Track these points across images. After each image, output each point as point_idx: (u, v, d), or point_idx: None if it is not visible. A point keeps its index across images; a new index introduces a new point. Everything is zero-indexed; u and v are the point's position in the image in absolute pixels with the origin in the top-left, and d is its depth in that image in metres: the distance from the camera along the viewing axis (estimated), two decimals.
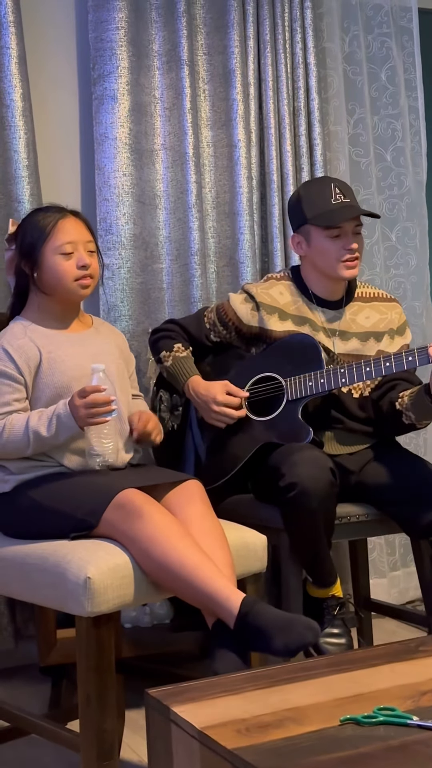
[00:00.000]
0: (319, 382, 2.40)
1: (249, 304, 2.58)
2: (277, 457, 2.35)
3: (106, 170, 2.91)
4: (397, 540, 3.37)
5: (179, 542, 1.86)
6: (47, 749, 2.25)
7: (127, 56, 2.91)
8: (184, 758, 1.26)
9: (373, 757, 1.12)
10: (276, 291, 2.58)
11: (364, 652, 1.54)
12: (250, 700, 1.31)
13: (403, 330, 2.61)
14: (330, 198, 2.49)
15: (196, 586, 1.82)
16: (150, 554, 1.84)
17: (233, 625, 1.78)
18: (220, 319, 2.61)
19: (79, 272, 2.16)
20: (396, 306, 2.64)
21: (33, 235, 2.17)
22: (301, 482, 2.23)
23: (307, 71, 3.19)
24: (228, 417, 2.49)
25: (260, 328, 2.56)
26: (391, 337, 2.57)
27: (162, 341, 2.64)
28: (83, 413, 1.99)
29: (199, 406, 2.54)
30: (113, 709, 1.81)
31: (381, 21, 3.42)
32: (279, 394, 2.49)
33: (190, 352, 2.61)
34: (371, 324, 2.57)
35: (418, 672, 1.40)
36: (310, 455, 2.29)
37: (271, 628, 1.73)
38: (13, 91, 2.74)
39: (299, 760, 1.11)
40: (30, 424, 2.03)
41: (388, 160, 3.44)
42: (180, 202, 2.99)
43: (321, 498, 2.24)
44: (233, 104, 3.05)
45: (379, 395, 2.52)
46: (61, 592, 1.83)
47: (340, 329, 2.55)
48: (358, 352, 2.53)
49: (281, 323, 2.54)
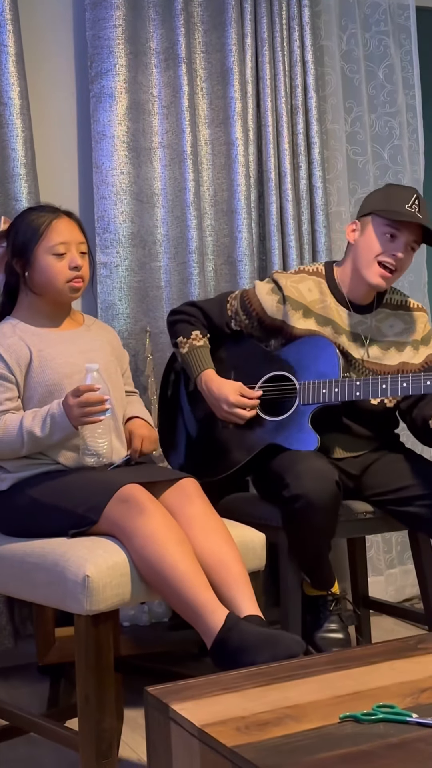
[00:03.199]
0: (333, 392, 2.36)
1: (276, 296, 2.53)
2: (282, 463, 2.33)
3: (103, 168, 2.91)
4: (395, 538, 3.37)
5: (176, 547, 1.85)
6: (46, 748, 2.25)
7: (124, 54, 2.91)
8: (183, 756, 1.26)
9: (372, 754, 1.12)
10: (305, 286, 2.54)
11: (363, 649, 1.54)
12: (249, 698, 1.31)
13: (428, 339, 2.56)
14: (406, 203, 2.42)
15: (183, 594, 1.81)
16: (145, 552, 1.84)
17: (213, 640, 1.77)
18: (243, 308, 2.56)
19: (70, 273, 2.15)
20: (423, 315, 2.59)
21: (26, 234, 2.16)
22: (306, 495, 2.20)
23: (304, 69, 3.19)
24: (239, 417, 2.48)
25: (283, 321, 2.52)
26: (415, 348, 2.53)
27: (180, 325, 2.59)
28: (77, 412, 1.98)
29: (211, 402, 2.52)
30: (112, 708, 1.80)
31: (379, 19, 3.43)
32: (291, 395, 2.47)
33: (207, 341, 2.57)
34: (395, 333, 2.54)
35: (418, 669, 1.40)
36: (315, 466, 2.26)
37: (257, 642, 1.72)
38: (11, 89, 2.74)
39: (299, 757, 1.11)
40: (24, 424, 2.03)
41: (385, 158, 3.44)
42: (178, 201, 2.99)
43: (325, 512, 2.23)
44: (231, 102, 3.05)
45: (408, 405, 2.49)
46: (59, 591, 1.83)
47: (363, 335, 2.51)
48: (379, 360, 2.50)
49: (304, 321, 2.49)
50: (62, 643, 2.41)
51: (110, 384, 2.13)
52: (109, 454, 2.09)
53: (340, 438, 2.49)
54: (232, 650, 1.73)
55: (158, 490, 2.03)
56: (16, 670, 2.74)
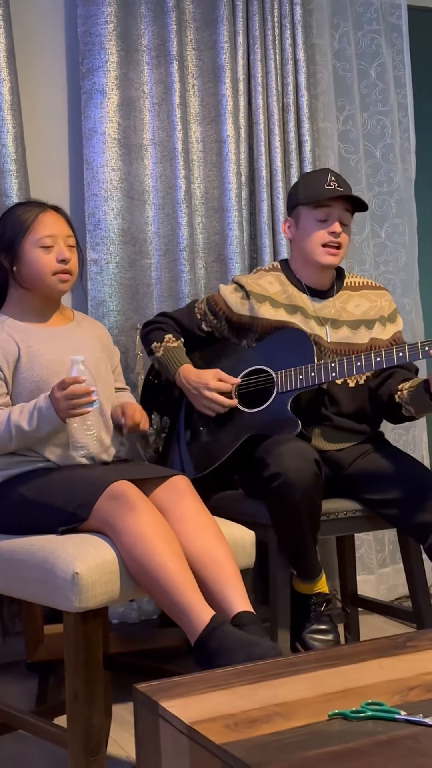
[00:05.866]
0: (310, 376, 2.41)
1: (239, 293, 2.60)
2: (263, 448, 2.35)
3: (94, 165, 2.90)
4: (387, 536, 3.38)
5: (165, 546, 1.85)
6: (34, 745, 2.25)
7: (116, 51, 2.90)
8: (172, 753, 1.26)
9: (361, 752, 1.12)
10: (265, 281, 2.60)
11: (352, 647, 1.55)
12: (238, 696, 1.31)
13: (395, 317, 2.63)
14: (324, 183, 2.52)
15: (170, 594, 1.81)
16: (134, 550, 1.83)
17: (195, 640, 1.77)
18: (210, 309, 2.62)
19: (58, 266, 2.15)
20: (385, 294, 2.66)
21: (13, 229, 2.16)
22: (285, 473, 2.23)
23: (296, 67, 3.19)
24: (219, 404, 2.49)
25: (250, 316, 2.57)
26: (383, 324, 2.59)
27: (153, 333, 2.65)
28: (64, 405, 1.98)
29: (190, 393, 2.54)
30: (101, 705, 1.80)
31: (371, 18, 3.43)
32: (269, 386, 2.49)
33: (181, 343, 2.62)
34: (361, 312, 2.59)
35: (406, 667, 1.40)
36: (295, 446, 2.30)
37: (234, 645, 1.72)
38: (2, 84, 2.73)
39: (288, 755, 1.11)
40: (12, 418, 2.02)
41: (377, 157, 3.44)
42: (169, 198, 2.99)
43: (304, 489, 2.24)
44: (222, 100, 3.05)
45: (377, 384, 2.54)
46: (48, 588, 1.82)
47: (331, 318, 2.56)
48: (350, 340, 2.55)
49: (274, 311, 2.54)
50: (51, 640, 2.41)
51: (99, 380, 2.13)
52: (97, 447, 2.09)
53: (321, 430, 2.52)
54: (210, 651, 1.74)
55: (149, 488, 2.03)
56: (5, 667, 2.74)
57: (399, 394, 2.45)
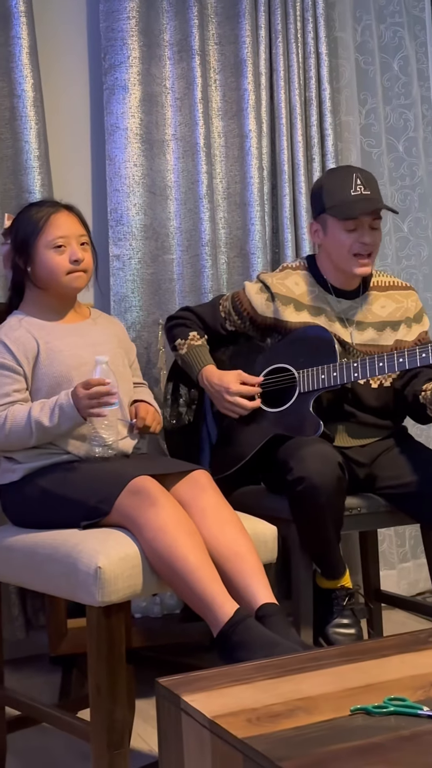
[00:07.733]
0: (332, 375, 2.39)
1: (264, 295, 2.58)
2: (286, 450, 2.34)
3: (116, 161, 2.90)
4: (408, 531, 3.37)
5: (187, 539, 1.85)
6: (58, 738, 2.26)
7: (138, 46, 2.90)
8: (194, 747, 1.26)
9: (383, 747, 1.12)
10: (291, 281, 2.58)
11: (374, 642, 1.54)
12: (260, 690, 1.31)
13: (420, 317, 2.60)
14: (350, 189, 2.46)
15: (193, 586, 1.81)
16: (156, 544, 1.84)
17: (218, 633, 1.77)
18: (234, 309, 2.61)
19: (71, 266, 2.16)
20: (412, 293, 2.63)
21: (26, 230, 2.18)
22: (309, 477, 2.22)
23: (318, 61, 3.18)
24: (241, 407, 2.49)
25: (275, 318, 2.56)
26: (408, 326, 2.57)
27: (177, 329, 2.63)
28: (85, 404, 2.00)
29: (213, 395, 2.54)
30: (123, 699, 1.81)
31: (393, 10, 3.41)
32: (292, 385, 2.48)
33: (205, 341, 2.61)
34: (387, 313, 2.56)
35: (429, 663, 1.40)
36: (318, 450, 2.29)
37: (256, 642, 1.72)
38: (24, 81, 2.74)
39: (310, 749, 1.11)
40: (32, 414, 2.04)
41: (400, 151, 3.42)
42: (191, 193, 2.99)
43: (329, 493, 2.24)
44: (244, 94, 3.04)
45: (403, 384, 2.52)
46: (71, 582, 1.83)
47: (356, 319, 2.54)
48: (375, 342, 2.53)
49: (297, 314, 2.53)
50: (74, 634, 2.42)
51: (117, 375, 2.14)
52: (116, 443, 2.11)
53: (345, 426, 2.51)
54: (232, 644, 1.74)
55: (170, 483, 2.03)
56: (29, 660, 2.75)
57: (423, 394, 2.42)
